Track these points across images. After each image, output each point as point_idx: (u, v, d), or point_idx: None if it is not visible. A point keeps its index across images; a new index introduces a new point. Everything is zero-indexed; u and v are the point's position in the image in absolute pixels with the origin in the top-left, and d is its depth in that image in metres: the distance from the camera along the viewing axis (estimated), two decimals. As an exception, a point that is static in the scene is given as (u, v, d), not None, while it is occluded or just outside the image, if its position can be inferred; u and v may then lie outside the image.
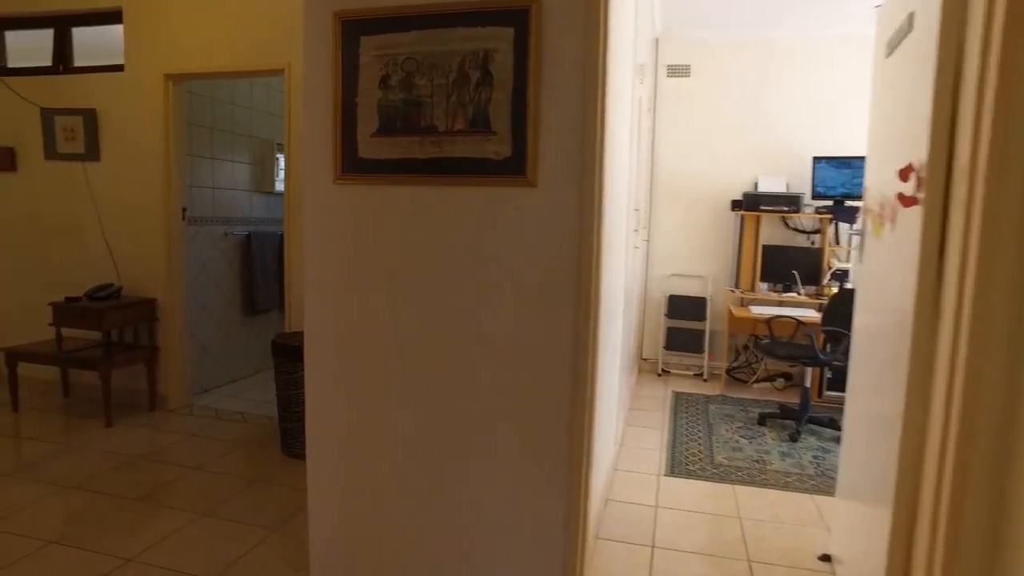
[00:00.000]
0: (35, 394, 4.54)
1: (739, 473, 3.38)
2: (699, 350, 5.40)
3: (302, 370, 3.41)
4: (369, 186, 1.82)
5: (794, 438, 3.84)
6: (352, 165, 1.81)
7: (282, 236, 5.33)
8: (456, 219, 1.74)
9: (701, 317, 5.36)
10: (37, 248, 4.51)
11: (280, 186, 5.27)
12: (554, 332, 1.69)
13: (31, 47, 4.50)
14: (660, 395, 4.94)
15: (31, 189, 4.48)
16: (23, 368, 4.12)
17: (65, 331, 4.20)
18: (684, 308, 5.43)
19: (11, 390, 4.17)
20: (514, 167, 1.65)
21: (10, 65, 4.56)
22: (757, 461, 3.53)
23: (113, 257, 4.27)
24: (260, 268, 5.07)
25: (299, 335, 3.62)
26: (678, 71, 5.32)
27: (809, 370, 4.00)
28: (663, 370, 5.56)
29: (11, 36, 4.57)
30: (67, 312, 3.96)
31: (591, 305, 1.65)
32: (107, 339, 4.21)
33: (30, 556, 2.50)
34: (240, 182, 4.97)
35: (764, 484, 3.25)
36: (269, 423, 4.04)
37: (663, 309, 5.46)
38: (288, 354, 3.41)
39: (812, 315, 4.53)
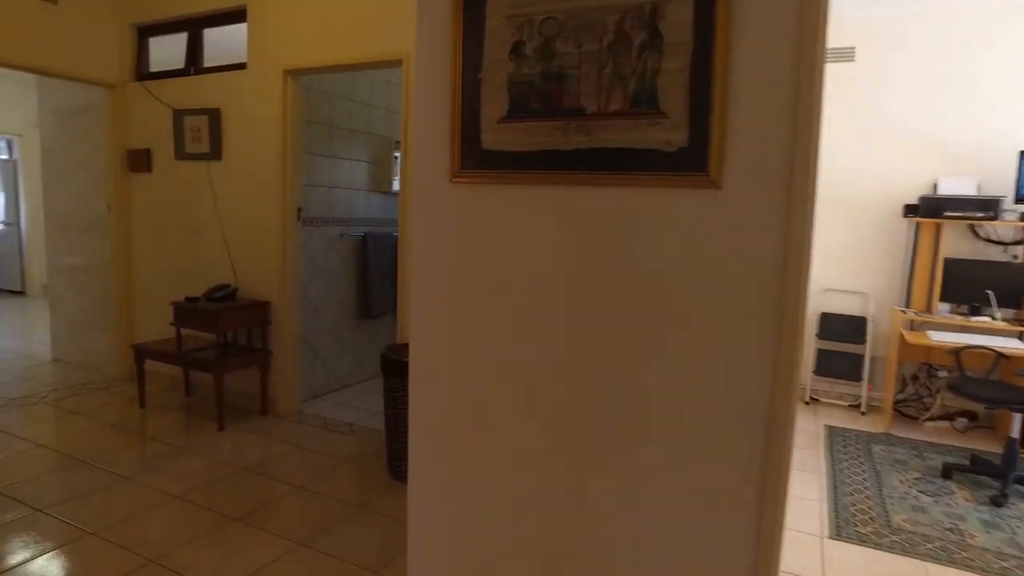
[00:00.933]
0: (161, 389, 4.59)
1: (929, 545, 2.72)
2: (856, 378, 4.66)
3: None
4: (494, 185, 1.43)
5: (997, 502, 3.10)
6: (473, 159, 1.44)
7: (396, 239, 5.14)
8: (608, 230, 1.31)
9: (860, 340, 4.62)
10: (169, 247, 4.55)
11: (398, 186, 5.07)
12: (743, 391, 1.23)
13: (170, 51, 4.54)
14: (811, 428, 4.27)
15: (163, 189, 4.53)
16: (155, 364, 4.14)
17: (186, 330, 4.19)
18: (839, 329, 4.70)
19: (139, 386, 4.20)
20: (691, 161, 1.21)
21: (152, 70, 4.64)
22: (951, 530, 2.85)
23: (231, 257, 4.21)
24: (375, 271, 4.89)
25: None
26: (841, 55, 4.60)
27: (1019, 417, 3.22)
28: (811, 398, 4.85)
29: (153, 42, 4.65)
30: (185, 312, 3.91)
31: (795, 358, 1.17)
32: (223, 341, 4.15)
33: (123, 581, 2.35)
34: (357, 181, 4.81)
35: (969, 566, 2.57)
36: (377, 437, 3.81)
37: (814, 329, 4.76)
38: (396, 370, 3.12)
39: (1017, 346, 3.70)
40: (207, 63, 4.37)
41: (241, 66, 4.10)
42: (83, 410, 4.17)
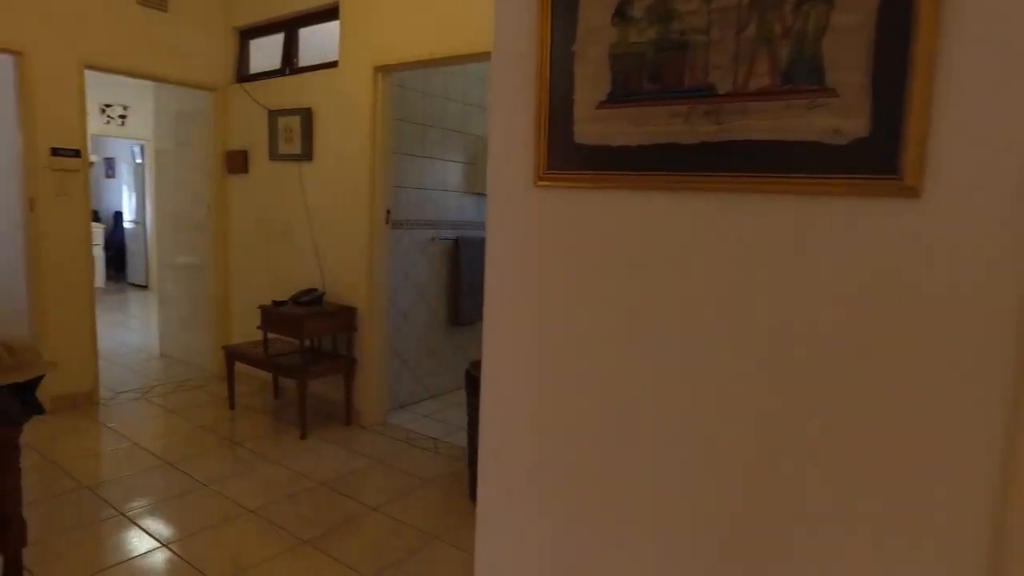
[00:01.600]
0: (252, 390, 4.58)
1: None
2: None
3: None
4: (589, 190, 1.11)
5: None
6: (563, 156, 1.12)
7: (490, 242, 4.90)
8: (752, 253, 0.96)
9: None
10: (262, 248, 4.53)
11: (491, 188, 4.83)
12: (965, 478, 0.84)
13: (268, 52, 4.53)
14: None
15: (258, 190, 4.52)
16: (247, 365, 4.11)
17: (273, 335, 4.13)
18: None
19: (229, 388, 4.19)
20: (874, 158, 0.84)
21: (251, 72, 4.64)
22: None
23: (319, 261, 4.11)
24: (467, 276, 4.67)
25: (496, 364, 3.06)
26: None
27: None
28: None
29: (253, 44, 4.65)
30: (271, 316, 3.84)
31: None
32: (309, 346, 4.05)
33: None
34: (450, 182, 4.60)
35: None
36: (462, 455, 3.57)
37: None
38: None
39: None
40: (301, 63, 4.30)
41: (333, 64, 3.98)
42: (179, 408, 4.21)
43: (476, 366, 3.01)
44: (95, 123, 8.24)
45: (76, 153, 3.96)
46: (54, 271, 3.95)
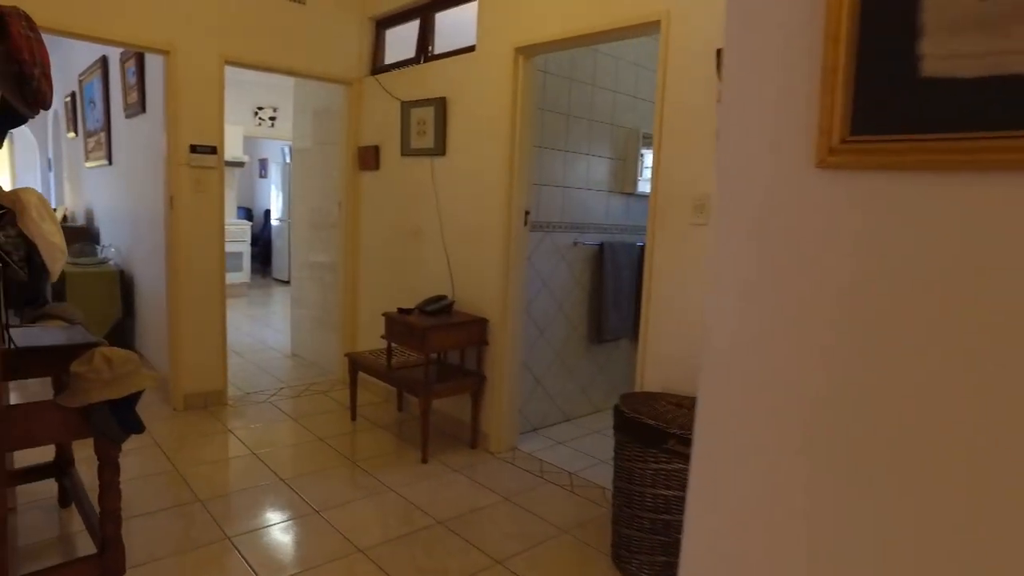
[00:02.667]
0: (376, 399, 4.33)
1: None
2: None
3: (660, 463, 2.38)
4: (954, 164, 0.56)
5: None
6: (890, 109, 0.57)
7: (642, 248, 4.33)
8: None
9: None
10: (392, 249, 4.26)
11: (644, 187, 4.26)
12: None
13: (403, 38, 4.25)
14: None
15: (388, 187, 4.25)
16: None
17: (398, 345, 3.81)
18: None
19: (351, 398, 3.94)
20: None
21: (386, 62, 4.39)
22: None
23: (449, 265, 3.75)
24: (612, 286, 4.13)
25: (657, 402, 2.50)
26: None
27: None
28: None
29: (388, 34, 4.40)
30: (394, 325, 3.51)
31: None
32: (436, 359, 3.69)
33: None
34: (596, 180, 4.09)
35: None
36: (601, 498, 3.05)
37: None
38: (637, 433, 2.31)
39: None
40: (437, 51, 3.97)
41: (469, 49, 3.60)
42: (301, 415, 4.02)
43: (631, 402, 2.48)
44: (248, 125, 8.56)
45: (212, 150, 3.86)
46: (188, 269, 3.87)
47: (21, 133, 9.39)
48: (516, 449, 3.62)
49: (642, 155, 4.21)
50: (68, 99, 6.96)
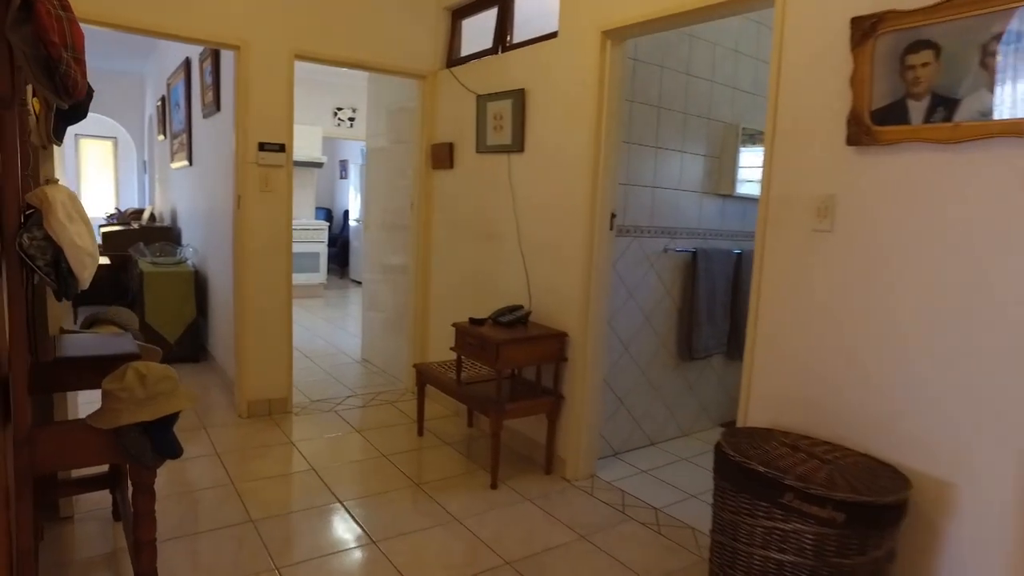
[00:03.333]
0: (445, 411, 4.08)
1: None
2: None
3: (774, 520, 1.95)
4: None
5: None
6: None
7: (740, 256, 3.89)
8: None
9: None
10: (466, 253, 3.99)
11: (743, 188, 3.82)
12: None
13: (481, 27, 3.97)
14: None
15: (463, 187, 3.98)
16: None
17: (468, 358, 3.53)
18: None
19: (418, 411, 3.70)
20: None
21: (462, 54, 4.14)
22: None
23: (527, 272, 3.43)
24: (706, 298, 3.71)
25: (767, 441, 2.10)
26: None
27: None
28: None
29: (465, 24, 4.14)
30: (465, 337, 3.22)
31: None
32: (509, 376, 3.39)
33: None
34: (689, 180, 3.68)
35: None
36: (692, 543, 2.65)
37: None
38: (744, 481, 1.92)
39: None
40: (516, 40, 3.66)
41: (551, 36, 3.28)
42: (366, 427, 3.80)
43: (735, 439, 2.09)
44: (327, 125, 8.56)
45: (281, 147, 3.70)
46: (254, 270, 3.73)
47: (124, 138, 9.78)
48: (595, 477, 3.27)
49: (740, 152, 3.77)
50: (159, 103, 7.12)
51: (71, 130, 9.67)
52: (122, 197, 10.55)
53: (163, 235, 5.91)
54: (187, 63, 5.23)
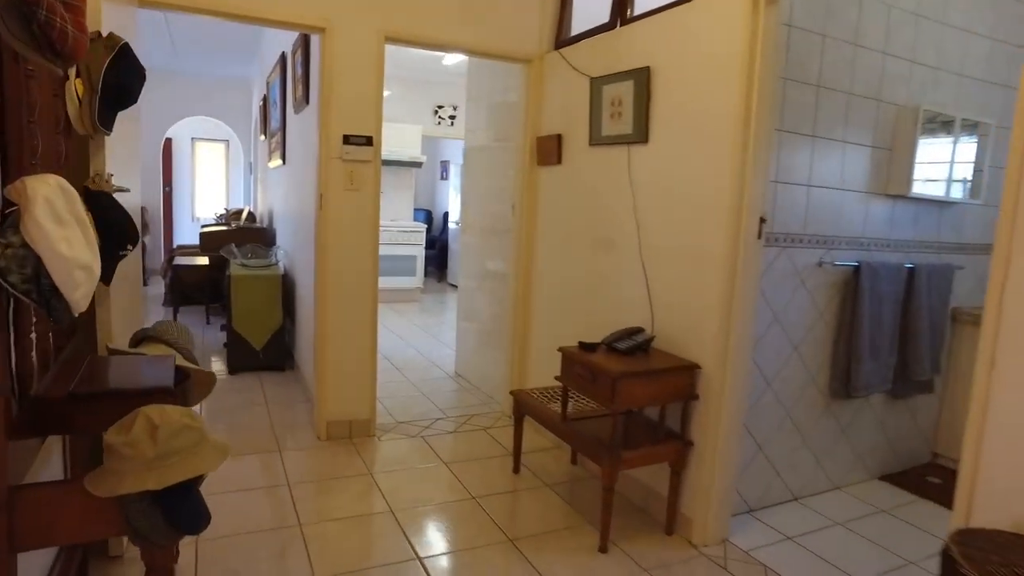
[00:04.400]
0: (545, 443, 3.55)
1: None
2: None
3: None
4: None
5: None
6: None
7: (912, 272, 3.12)
8: None
9: None
10: (575, 263, 3.45)
11: (922, 188, 3.06)
12: None
13: (593, 3, 3.42)
14: None
15: (572, 186, 3.44)
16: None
17: (576, 392, 2.98)
18: None
19: (515, 446, 3.20)
20: None
21: (572, 33, 3.61)
22: None
23: (649, 289, 2.84)
24: (870, 323, 2.98)
25: (1012, 551, 1.42)
26: None
27: None
28: None
29: None
30: (573, 365, 2.67)
31: None
32: (622, 415, 2.81)
33: None
34: (852, 178, 2.97)
35: None
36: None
37: None
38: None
39: None
40: (638, 11, 3.09)
41: (683, 1, 2.68)
42: (456, 458, 3.34)
43: (964, 543, 1.43)
44: (427, 124, 8.27)
45: (368, 141, 3.31)
46: (336, 277, 3.37)
47: (234, 141, 9.95)
48: (727, 542, 2.63)
49: (919, 143, 3.01)
50: (261, 103, 7.06)
51: (187, 132, 9.90)
52: (232, 198, 10.78)
53: (257, 236, 5.75)
54: (283, 58, 5.01)
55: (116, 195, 2.20)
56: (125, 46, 1.97)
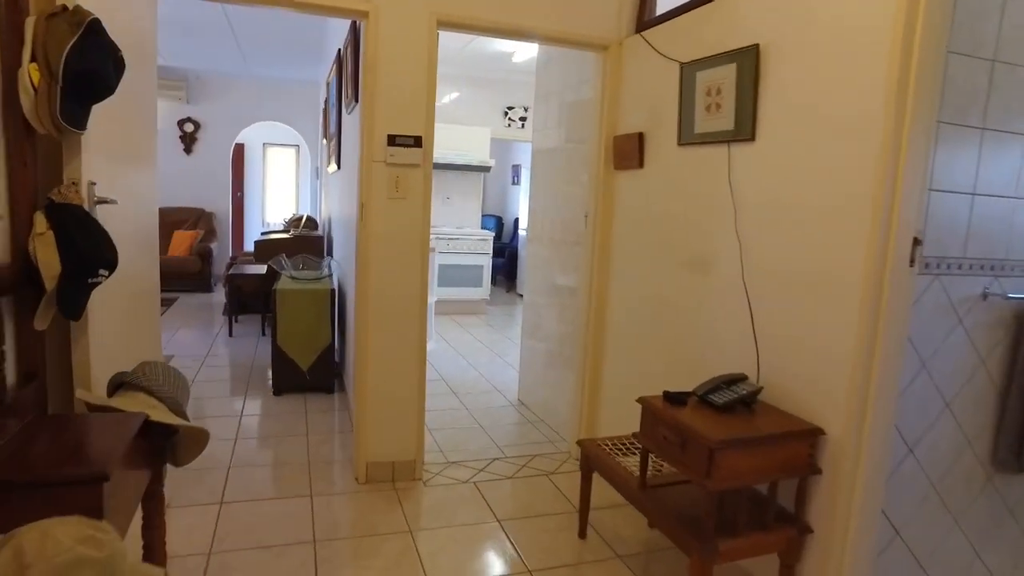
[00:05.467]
0: (618, 501, 2.98)
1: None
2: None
3: None
4: None
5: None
6: None
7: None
8: None
9: None
10: (658, 285, 2.89)
11: None
12: None
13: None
14: None
15: (656, 194, 2.89)
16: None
17: (658, 455, 2.42)
18: None
19: (581, 502, 2.66)
20: None
21: (658, 12, 3.05)
22: None
23: (753, 325, 2.25)
24: (1045, 374, 2.28)
25: None
26: None
27: None
28: None
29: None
30: (658, 425, 2.11)
31: None
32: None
33: None
34: (1027, 183, 2.28)
35: None
36: None
37: None
38: None
39: None
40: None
41: (812, -48, 2.08)
42: (510, 513, 2.84)
43: None
44: (496, 126, 7.85)
45: (417, 142, 2.86)
46: (378, 300, 2.93)
47: (303, 146, 9.84)
48: (857, 659, 2.01)
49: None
50: (323, 105, 6.81)
51: (259, 137, 9.83)
52: (300, 205, 10.71)
53: (311, 245, 5.45)
54: (338, 56, 4.67)
55: (99, 207, 1.81)
56: (94, 22, 1.57)
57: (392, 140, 2.82)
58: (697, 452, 1.86)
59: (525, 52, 6.03)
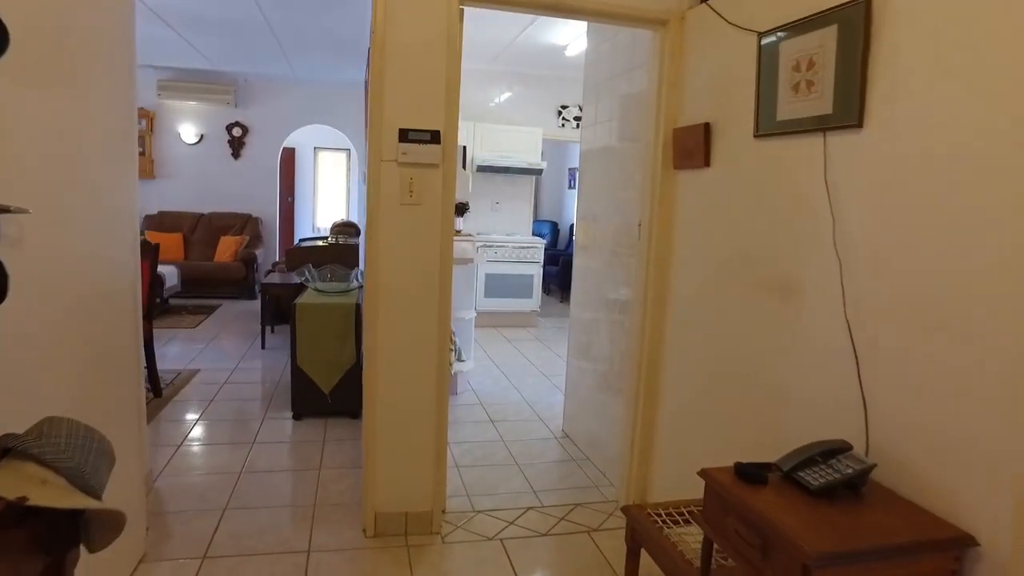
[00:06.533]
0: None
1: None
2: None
3: None
4: None
5: None
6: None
7: None
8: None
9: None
10: (730, 308, 2.34)
11: None
12: None
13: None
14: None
15: (726, 199, 2.33)
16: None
17: (724, 546, 1.87)
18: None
19: None
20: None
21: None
22: None
23: (859, 370, 1.68)
24: None
25: None
26: None
27: None
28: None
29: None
30: (726, 514, 1.56)
31: None
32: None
33: None
34: None
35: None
36: None
37: None
38: None
39: None
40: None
41: None
42: (542, 588, 2.34)
43: None
44: (548, 126, 7.37)
45: (434, 137, 2.41)
46: (388, 329, 2.49)
47: (353, 152, 9.60)
48: None
49: None
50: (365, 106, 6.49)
51: (310, 141, 9.60)
52: (350, 210, 10.50)
53: (345, 254, 5.08)
54: (368, 53, 4.28)
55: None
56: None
57: (405, 135, 2.38)
58: (785, 565, 1.32)
59: (579, 44, 5.52)
